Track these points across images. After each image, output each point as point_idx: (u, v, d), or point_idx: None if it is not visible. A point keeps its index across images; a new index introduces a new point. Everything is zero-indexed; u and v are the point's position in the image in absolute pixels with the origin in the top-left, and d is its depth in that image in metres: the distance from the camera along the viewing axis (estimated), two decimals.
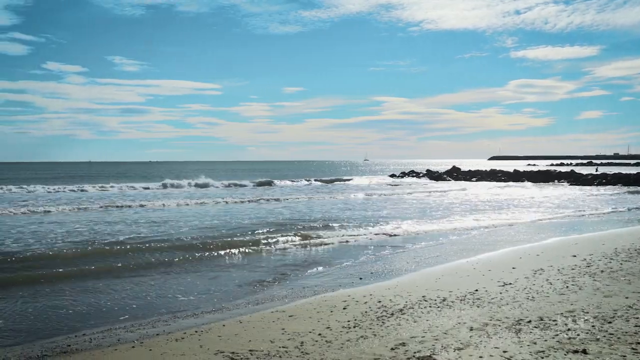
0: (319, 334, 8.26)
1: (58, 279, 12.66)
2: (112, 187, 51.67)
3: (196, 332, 8.67)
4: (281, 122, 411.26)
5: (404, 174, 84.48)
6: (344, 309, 9.76)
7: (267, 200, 38.27)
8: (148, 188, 52.26)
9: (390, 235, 19.86)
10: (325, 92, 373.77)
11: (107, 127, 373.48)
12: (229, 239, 18.28)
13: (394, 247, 17.46)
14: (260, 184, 59.27)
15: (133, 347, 8.06)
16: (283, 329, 8.64)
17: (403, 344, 7.57)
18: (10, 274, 13.14)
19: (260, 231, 20.54)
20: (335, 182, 67.69)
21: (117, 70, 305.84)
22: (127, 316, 9.85)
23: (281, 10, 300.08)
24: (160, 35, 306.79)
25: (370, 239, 19.22)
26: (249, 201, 37.21)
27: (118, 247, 16.82)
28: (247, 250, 16.54)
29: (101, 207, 31.69)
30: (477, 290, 10.87)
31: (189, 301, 10.95)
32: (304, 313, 9.61)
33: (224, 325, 9.00)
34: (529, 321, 8.46)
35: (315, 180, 69.17)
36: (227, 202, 35.98)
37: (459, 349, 7.29)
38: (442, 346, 7.41)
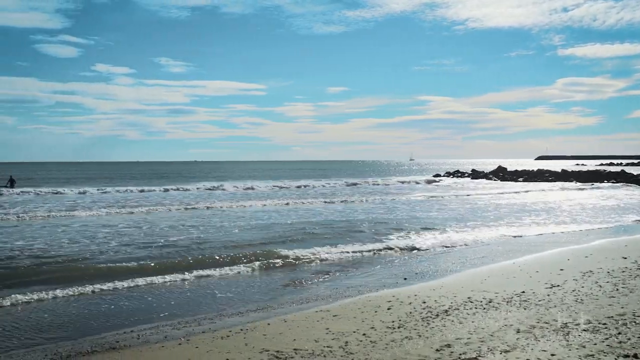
0: (364, 334, 8.25)
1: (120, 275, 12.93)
2: (199, 188, 52.52)
3: (241, 330, 8.75)
4: (325, 122, 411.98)
5: (449, 174, 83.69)
6: (389, 309, 9.72)
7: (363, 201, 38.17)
8: (237, 187, 52.83)
9: (447, 246, 19.66)
10: (369, 92, 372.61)
11: (154, 128, 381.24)
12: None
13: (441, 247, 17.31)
14: (350, 184, 60.48)
15: (180, 344, 8.18)
16: (327, 328, 8.66)
17: (448, 346, 7.50)
18: (68, 272, 13.46)
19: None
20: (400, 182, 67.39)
21: (163, 71, 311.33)
22: (168, 313, 10.00)
23: (325, 10, 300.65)
24: (206, 36, 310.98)
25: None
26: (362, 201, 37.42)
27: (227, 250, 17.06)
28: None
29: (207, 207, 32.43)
30: (523, 291, 10.70)
31: (235, 299, 11.06)
32: (348, 313, 9.60)
33: (268, 324, 9.06)
34: (578, 324, 8.29)
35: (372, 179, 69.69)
36: (332, 202, 36.15)
37: (506, 351, 7.19)
38: (488, 348, 7.32)
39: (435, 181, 69.78)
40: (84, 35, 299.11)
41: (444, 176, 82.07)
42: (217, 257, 15.11)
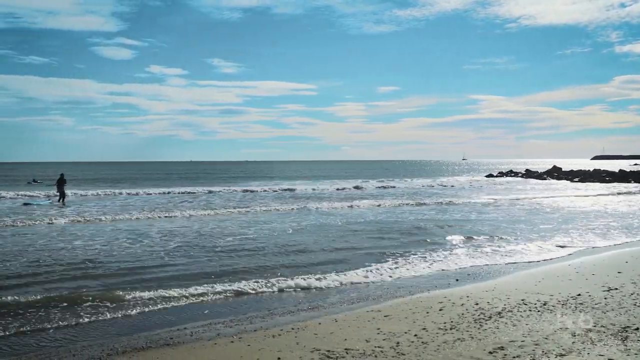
0: (415, 335, 8.20)
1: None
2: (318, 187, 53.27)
3: (292, 329, 8.80)
4: (376, 121, 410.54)
5: (502, 174, 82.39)
6: (440, 310, 9.64)
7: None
8: (344, 188, 52.48)
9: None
10: (421, 91, 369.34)
11: (207, 128, 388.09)
12: None
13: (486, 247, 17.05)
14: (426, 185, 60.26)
15: (232, 342, 8.27)
16: (378, 328, 8.64)
17: (502, 348, 7.39)
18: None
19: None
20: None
21: (215, 72, 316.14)
22: (225, 310, 10.12)
23: (376, 10, 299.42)
24: (257, 37, 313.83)
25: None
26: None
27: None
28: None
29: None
30: (579, 294, 10.46)
31: (286, 298, 11.13)
32: (399, 313, 9.56)
33: (319, 323, 9.09)
34: (637, 328, 8.05)
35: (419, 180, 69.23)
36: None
37: (561, 355, 7.05)
38: (542, 352, 7.18)
39: (494, 180, 68.91)
40: (139, 37, 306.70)
41: (496, 176, 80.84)
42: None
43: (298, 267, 14.01)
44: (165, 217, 26.30)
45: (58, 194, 34.54)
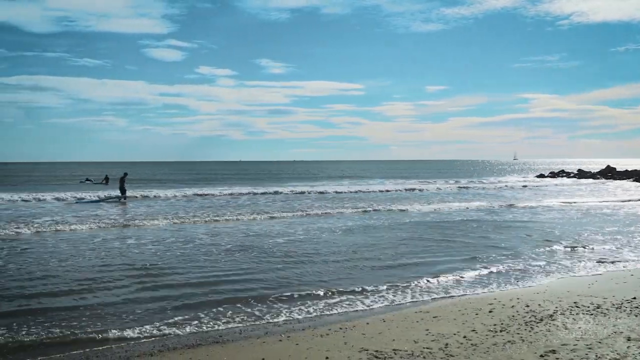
0: (464, 337, 8.12)
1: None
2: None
3: (340, 328, 8.83)
4: (424, 121, 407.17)
5: (553, 174, 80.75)
6: (490, 312, 9.53)
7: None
8: (417, 189, 51.17)
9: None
10: (469, 90, 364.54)
11: (255, 128, 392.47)
12: None
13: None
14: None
15: (280, 340, 8.35)
16: (427, 329, 8.59)
17: (553, 352, 7.27)
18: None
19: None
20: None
21: (264, 72, 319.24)
22: (274, 309, 10.19)
23: (423, 8, 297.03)
24: (305, 37, 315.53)
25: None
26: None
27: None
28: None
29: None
30: (634, 298, 10.20)
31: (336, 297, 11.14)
32: (448, 314, 9.48)
33: (367, 324, 9.09)
34: None
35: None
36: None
37: (615, 359, 6.89)
38: (596, 356, 7.03)
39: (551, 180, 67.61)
40: (189, 39, 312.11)
41: (548, 176, 79.28)
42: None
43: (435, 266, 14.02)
44: (270, 217, 26.27)
45: (120, 192, 36.02)
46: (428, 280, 12.38)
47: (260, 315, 9.82)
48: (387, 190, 47.35)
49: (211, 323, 9.31)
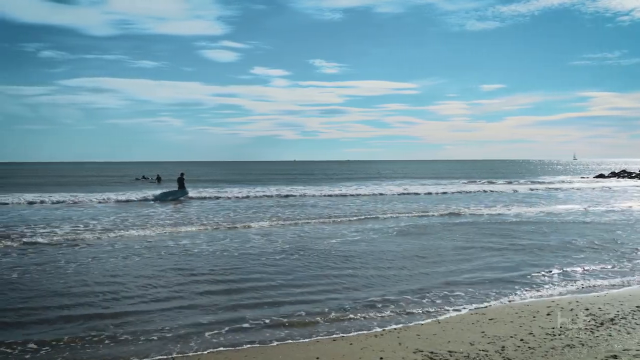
0: (521, 340, 7.99)
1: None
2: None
3: (395, 329, 8.81)
4: (479, 120, 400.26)
5: (614, 174, 78.44)
6: (548, 315, 9.33)
7: None
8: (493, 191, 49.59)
9: None
10: (526, 89, 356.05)
11: (309, 128, 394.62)
12: None
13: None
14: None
15: (334, 340, 8.38)
16: (483, 331, 8.48)
17: (615, 357, 7.08)
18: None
19: None
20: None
21: (317, 73, 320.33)
22: (327, 309, 10.22)
23: (478, 6, 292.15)
24: (358, 37, 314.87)
25: None
26: None
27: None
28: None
29: None
30: None
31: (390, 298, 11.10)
32: (504, 317, 9.34)
33: (422, 325, 9.04)
34: None
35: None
36: None
37: None
38: None
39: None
40: (243, 40, 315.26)
41: (608, 176, 77.06)
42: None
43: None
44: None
45: (178, 191, 37.68)
46: (486, 283, 12.22)
47: (315, 314, 9.86)
48: (451, 192, 46.21)
49: (265, 322, 9.41)
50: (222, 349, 8.04)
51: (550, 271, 13.32)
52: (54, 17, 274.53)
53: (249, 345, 8.17)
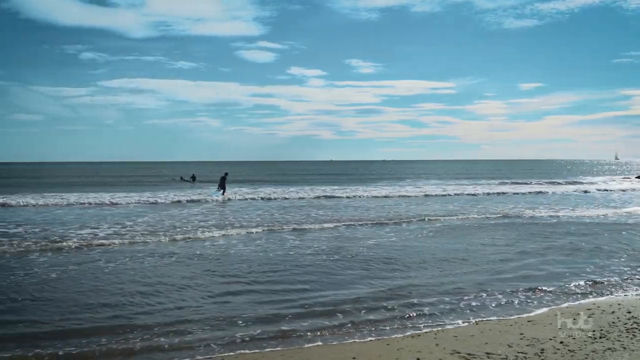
0: (561, 342, 7.88)
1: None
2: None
3: (432, 330, 8.77)
4: (518, 119, 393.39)
5: None
6: (589, 317, 9.17)
7: None
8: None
9: None
10: (566, 87, 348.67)
11: (345, 128, 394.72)
12: None
13: None
14: None
15: (371, 340, 8.38)
16: (521, 333, 8.38)
17: None
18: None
19: None
20: None
21: (354, 72, 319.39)
22: (364, 309, 10.21)
23: (516, 4, 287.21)
24: (395, 36, 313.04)
25: None
26: None
27: None
28: None
29: None
30: None
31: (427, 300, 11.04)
32: (544, 319, 9.22)
33: (459, 326, 8.98)
34: None
35: None
36: None
37: None
38: None
39: None
40: (280, 40, 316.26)
41: None
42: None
43: None
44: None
45: (221, 191, 38.65)
46: (525, 284, 12.07)
47: (351, 314, 9.87)
48: (500, 193, 45.43)
49: (302, 323, 9.46)
50: (256, 350, 8.12)
51: (592, 273, 13.10)
52: (94, 19, 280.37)
53: (284, 347, 8.23)
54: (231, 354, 7.89)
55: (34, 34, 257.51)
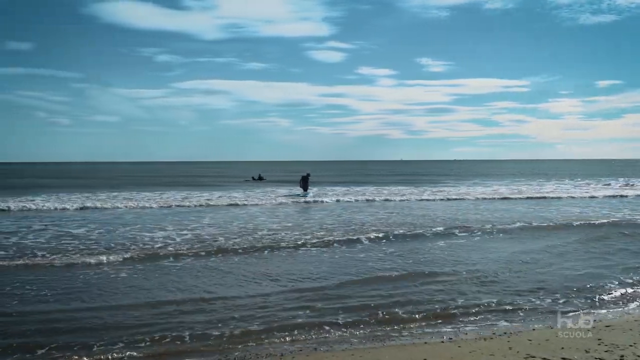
0: None
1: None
2: None
3: (505, 333, 8.63)
4: (594, 118, 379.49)
5: None
6: None
7: None
8: None
9: None
10: None
11: (416, 127, 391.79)
12: None
13: None
14: None
15: (442, 342, 8.33)
16: (599, 339, 8.13)
17: None
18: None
19: None
20: None
21: (424, 71, 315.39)
22: (436, 311, 10.11)
23: None
24: (466, 34, 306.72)
25: None
26: None
27: None
28: None
29: None
30: None
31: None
32: (623, 324, 8.92)
33: (533, 329, 8.80)
34: None
35: None
36: None
37: None
38: None
39: None
40: (349, 40, 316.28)
41: None
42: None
43: None
44: None
45: (303, 188, 40.26)
46: (605, 287, 11.69)
47: (423, 316, 9.81)
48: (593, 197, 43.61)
49: (376, 326, 9.45)
50: (324, 350, 8.19)
51: None
52: (168, 23, 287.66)
53: (357, 346, 8.28)
54: (303, 352, 7.99)
55: (112, 37, 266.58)
